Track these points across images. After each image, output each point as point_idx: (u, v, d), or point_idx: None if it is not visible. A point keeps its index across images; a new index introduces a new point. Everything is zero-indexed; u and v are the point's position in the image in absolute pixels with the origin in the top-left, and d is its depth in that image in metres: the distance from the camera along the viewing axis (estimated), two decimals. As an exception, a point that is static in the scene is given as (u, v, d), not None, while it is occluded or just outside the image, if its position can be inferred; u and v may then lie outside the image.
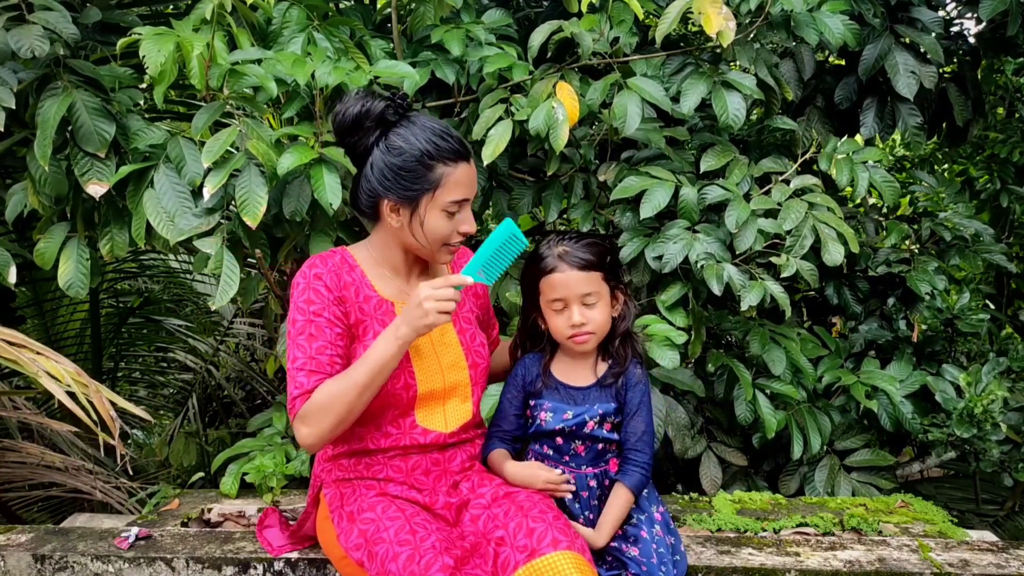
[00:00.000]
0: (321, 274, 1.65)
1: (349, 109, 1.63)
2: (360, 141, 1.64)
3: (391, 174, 1.61)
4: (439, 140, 1.61)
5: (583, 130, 2.54)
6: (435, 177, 1.61)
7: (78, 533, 2.06)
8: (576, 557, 1.49)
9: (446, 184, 1.61)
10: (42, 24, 2.01)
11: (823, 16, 2.31)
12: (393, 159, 1.60)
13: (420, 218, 1.63)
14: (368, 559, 1.56)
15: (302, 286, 1.65)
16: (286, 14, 2.25)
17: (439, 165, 1.60)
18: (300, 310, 1.64)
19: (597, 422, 1.73)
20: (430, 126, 1.63)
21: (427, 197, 1.62)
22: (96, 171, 2.06)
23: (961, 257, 2.81)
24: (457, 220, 1.66)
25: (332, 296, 1.64)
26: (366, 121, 1.62)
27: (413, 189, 1.61)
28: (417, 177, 1.60)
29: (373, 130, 1.63)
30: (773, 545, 2.02)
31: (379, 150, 1.62)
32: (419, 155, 1.59)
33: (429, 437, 1.70)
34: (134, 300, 4.11)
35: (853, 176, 2.43)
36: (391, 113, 1.62)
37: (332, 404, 1.57)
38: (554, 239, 1.75)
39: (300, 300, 1.64)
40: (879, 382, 2.56)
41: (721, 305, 2.68)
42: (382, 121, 1.63)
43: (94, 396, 1.86)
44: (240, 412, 3.95)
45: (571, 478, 1.74)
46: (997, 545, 2.07)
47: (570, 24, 2.20)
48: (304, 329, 1.62)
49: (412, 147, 1.60)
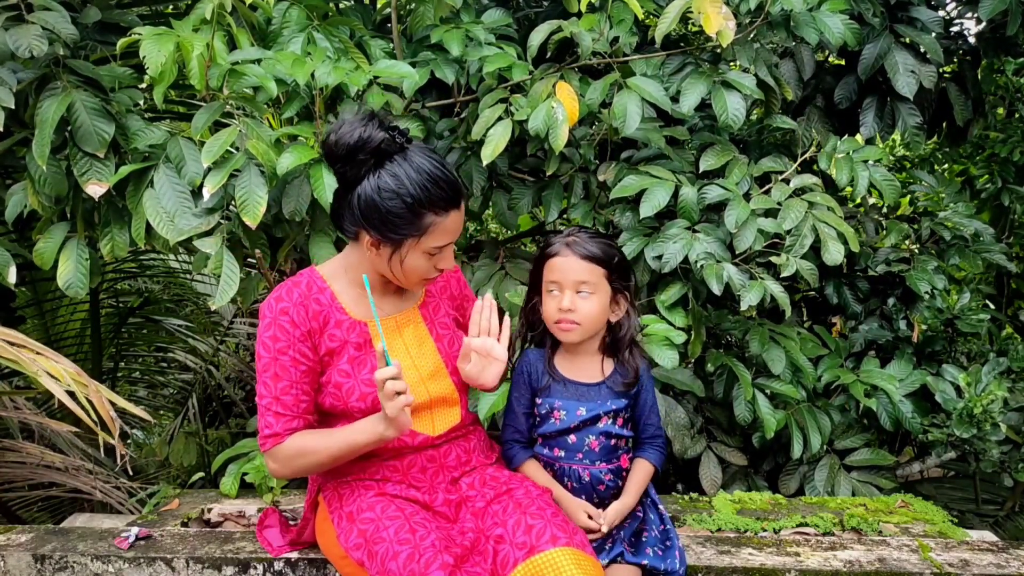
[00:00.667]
0: (287, 308, 1.61)
1: (344, 136, 1.53)
2: (351, 171, 1.55)
3: (378, 215, 1.53)
4: (432, 187, 1.53)
5: (583, 130, 2.54)
6: (423, 224, 1.55)
7: (78, 533, 2.06)
8: (575, 553, 1.49)
9: (433, 232, 1.56)
10: (41, 24, 2.01)
11: (823, 15, 2.31)
12: (384, 200, 1.52)
13: (400, 257, 1.59)
14: (368, 558, 1.56)
15: (267, 320, 1.61)
16: (286, 14, 2.25)
17: (429, 214, 1.54)
18: (265, 346, 1.61)
19: (611, 418, 1.74)
20: (427, 169, 1.53)
21: (411, 241, 1.56)
22: (95, 171, 2.06)
23: (961, 257, 2.81)
24: (437, 259, 1.62)
25: (299, 332, 1.60)
26: (360, 154, 1.52)
27: (399, 233, 1.55)
28: (404, 223, 1.54)
29: (367, 161, 1.53)
30: (773, 545, 2.02)
31: (369, 184, 1.53)
32: (410, 202, 1.52)
33: (417, 440, 1.69)
34: (134, 300, 4.10)
35: (853, 175, 2.43)
36: (389, 145, 1.53)
37: (302, 457, 1.61)
38: (572, 230, 1.76)
39: (265, 336, 1.61)
40: (878, 381, 2.56)
41: (721, 305, 2.68)
42: (377, 153, 1.53)
43: (94, 396, 1.86)
44: (240, 412, 3.95)
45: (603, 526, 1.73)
46: (997, 545, 2.07)
47: (569, 24, 2.20)
48: (269, 367, 1.61)
49: (404, 192, 1.51)
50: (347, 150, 1.52)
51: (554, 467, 1.78)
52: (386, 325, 1.70)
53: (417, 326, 1.74)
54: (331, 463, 1.62)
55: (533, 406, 1.81)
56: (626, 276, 1.76)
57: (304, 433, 1.63)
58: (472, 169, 2.46)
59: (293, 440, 1.61)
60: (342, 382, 1.63)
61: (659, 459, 1.82)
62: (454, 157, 2.47)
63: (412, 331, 1.73)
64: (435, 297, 1.80)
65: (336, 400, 1.64)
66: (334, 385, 1.64)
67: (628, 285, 1.77)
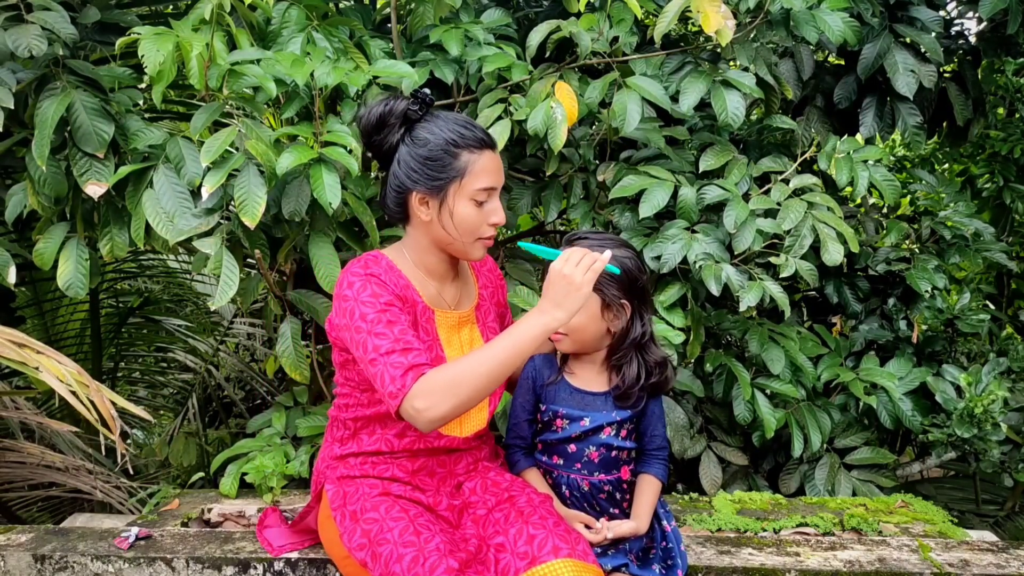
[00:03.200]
0: (378, 273, 1.63)
1: (373, 111, 1.65)
2: (385, 139, 1.65)
3: (418, 165, 1.62)
4: (463, 129, 1.62)
5: (582, 130, 2.53)
6: (461, 165, 1.61)
7: (78, 533, 2.06)
8: (577, 564, 1.47)
9: (473, 171, 1.61)
10: (40, 24, 2.01)
11: (823, 14, 2.31)
12: (419, 150, 1.61)
13: (449, 208, 1.62)
14: (372, 560, 1.55)
15: (359, 284, 1.59)
16: (285, 14, 2.25)
17: (465, 152, 1.61)
18: (368, 304, 1.56)
19: (614, 429, 1.72)
20: (453, 117, 1.65)
21: (455, 185, 1.61)
22: (95, 171, 2.06)
23: (961, 256, 2.81)
24: (486, 210, 1.64)
25: (391, 294, 1.61)
26: (390, 119, 1.64)
27: (440, 178, 1.61)
28: (444, 166, 1.61)
29: (397, 128, 1.64)
30: (773, 545, 2.02)
31: (405, 145, 1.64)
32: (444, 144, 1.60)
33: (443, 441, 1.69)
34: (134, 300, 4.10)
35: (853, 175, 2.42)
36: (414, 110, 1.64)
37: (459, 381, 1.45)
38: (575, 234, 1.75)
39: (364, 295, 1.57)
40: (878, 379, 2.56)
41: (720, 305, 2.68)
42: (406, 118, 1.64)
43: (95, 396, 1.86)
44: (240, 412, 3.95)
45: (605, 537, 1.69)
46: (997, 545, 2.07)
47: (568, 23, 2.20)
48: (380, 319, 1.54)
49: (437, 137, 1.61)
50: (377, 119, 1.64)
51: (552, 475, 1.78)
52: (449, 319, 1.73)
53: (472, 328, 1.77)
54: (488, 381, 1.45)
55: (537, 411, 1.80)
56: (625, 286, 1.69)
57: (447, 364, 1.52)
58: (472, 169, 2.46)
59: (439, 369, 1.48)
60: None
61: (665, 473, 1.81)
62: (454, 157, 2.47)
63: (468, 331, 1.76)
64: (486, 301, 1.84)
65: None
66: None
67: (626, 295, 1.70)
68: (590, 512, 1.75)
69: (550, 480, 1.78)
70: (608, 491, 1.74)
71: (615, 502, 1.76)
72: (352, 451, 1.73)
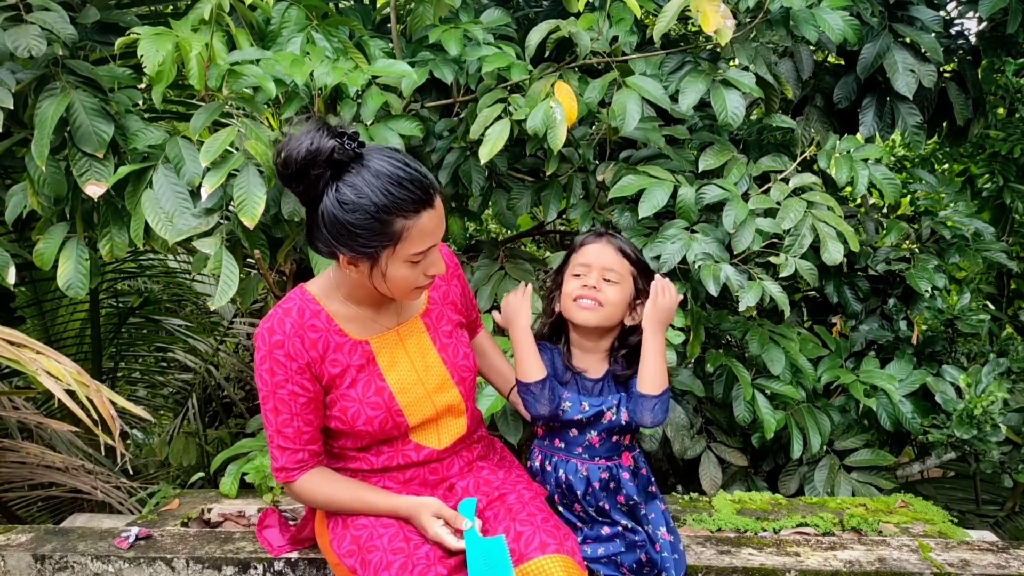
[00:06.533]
0: (282, 341, 1.52)
1: (294, 151, 1.41)
2: (308, 189, 1.44)
3: (345, 231, 1.42)
4: (396, 190, 1.40)
5: (582, 130, 2.53)
6: (394, 232, 1.43)
7: (78, 533, 2.06)
8: (564, 560, 1.48)
9: (408, 237, 1.44)
10: (40, 24, 2.01)
11: (822, 13, 2.30)
12: (345, 215, 1.40)
13: (382, 271, 1.48)
14: (361, 566, 1.55)
15: (262, 353, 1.54)
16: (285, 14, 2.25)
17: (398, 219, 1.41)
18: (262, 380, 1.55)
19: (614, 412, 1.74)
20: (386, 172, 1.41)
21: (387, 252, 1.45)
22: (95, 171, 2.06)
23: (961, 255, 2.80)
24: (424, 265, 1.51)
25: (296, 365, 1.53)
26: (313, 168, 1.40)
27: (371, 245, 1.43)
28: (374, 235, 1.42)
29: (322, 176, 1.41)
30: (773, 545, 2.02)
31: (329, 200, 1.42)
32: (374, 211, 1.40)
33: (422, 454, 1.67)
34: (134, 300, 4.11)
35: (853, 174, 2.42)
36: (341, 153, 1.41)
37: (315, 500, 1.66)
38: (605, 228, 1.77)
39: (261, 369, 1.55)
40: (878, 381, 2.55)
41: (720, 305, 2.67)
42: (331, 163, 1.41)
43: (94, 396, 1.86)
44: (240, 412, 3.96)
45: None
46: (997, 545, 2.06)
47: (568, 23, 2.20)
48: (268, 400, 1.57)
49: (365, 201, 1.39)
50: (298, 167, 1.40)
51: (552, 459, 1.78)
52: (389, 339, 1.64)
53: (420, 336, 1.68)
54: (344, 512, 1.66)
55: None
56: (647, 285, 1.76)
57: (320, 478, 1.64)
58: (471, 169, 2.46)
59: (307, 484, 1.63)
60: (348, 407, 1.59)
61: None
62: (453, 157, 2.47)
63: (415, 342, 1.67)
64: (437, 304, 1.73)
65: (342, 424, 1.60)
66: (339, 409, 1.59)
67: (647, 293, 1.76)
68: (580, 505, 1.75)
69: (549, 466, 1.78)
70: (604, 479, 1.75)
71: (608, 492, 1.75)
72: (339, 467, 1.71)
